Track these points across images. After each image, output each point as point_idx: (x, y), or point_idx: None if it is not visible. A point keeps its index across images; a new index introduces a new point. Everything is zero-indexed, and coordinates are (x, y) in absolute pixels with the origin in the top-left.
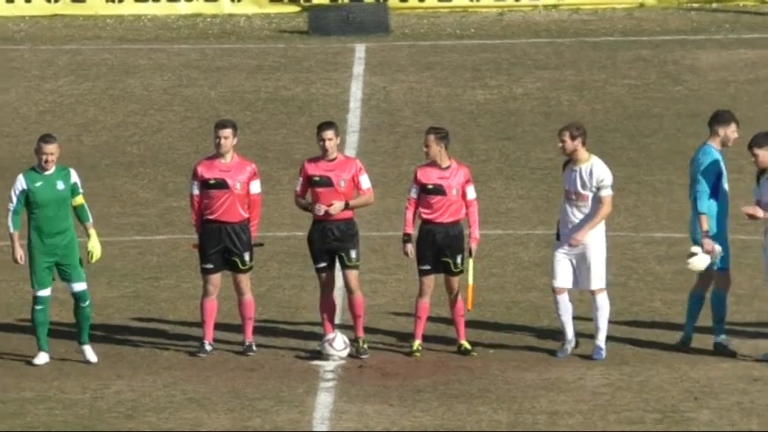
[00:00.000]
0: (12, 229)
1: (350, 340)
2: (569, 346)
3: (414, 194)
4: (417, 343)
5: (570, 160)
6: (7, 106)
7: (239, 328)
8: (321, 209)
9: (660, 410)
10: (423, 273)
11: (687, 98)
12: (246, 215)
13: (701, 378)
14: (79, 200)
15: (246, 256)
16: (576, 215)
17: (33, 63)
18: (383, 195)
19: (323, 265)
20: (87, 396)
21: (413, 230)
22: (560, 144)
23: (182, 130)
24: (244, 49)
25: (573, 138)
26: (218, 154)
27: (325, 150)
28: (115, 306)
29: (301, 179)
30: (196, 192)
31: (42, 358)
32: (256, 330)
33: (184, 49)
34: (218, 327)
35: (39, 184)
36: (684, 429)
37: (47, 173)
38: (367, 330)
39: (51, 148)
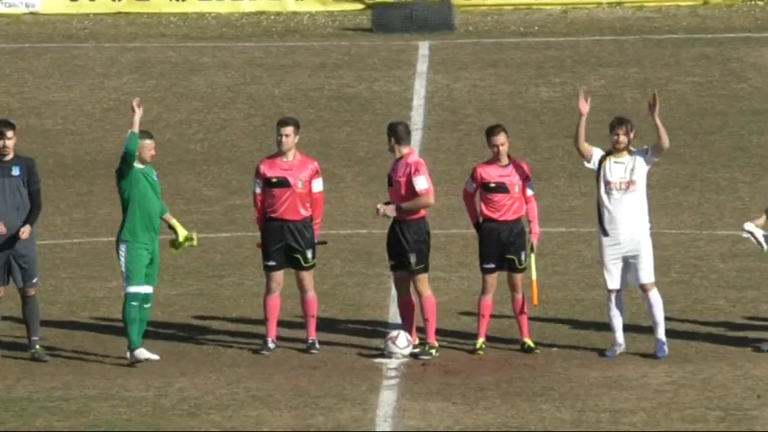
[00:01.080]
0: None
1: (419, 342)
2: (618, 349)
3: (469, 189)
4: (480, 341)
5: (611, 153)
6: (71, 104)
7: (302, 326)
8: (379, 209)
9: (723, 408)
10: (486, 271)
11: (751, 95)
12: (308, 213)
13: (764, 376)
14: None
15: (309, 254)
16: (629, 203)
17: (97, 61)
18: (446, 193)
19: (391, 263)
20: (151, 394)
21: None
22: (616, 137)
23: (245, 127)
24: (307, 46)
25: (628, 132)
26: (280, 152)
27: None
28: (179, 304)
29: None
30: (258, 190)
31: (144, 353)
32: (319, 328)
33: (248, 47)
34: (281, 324)
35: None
36: (747, 428)
37: (147, 167)
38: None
39: (154, 144)
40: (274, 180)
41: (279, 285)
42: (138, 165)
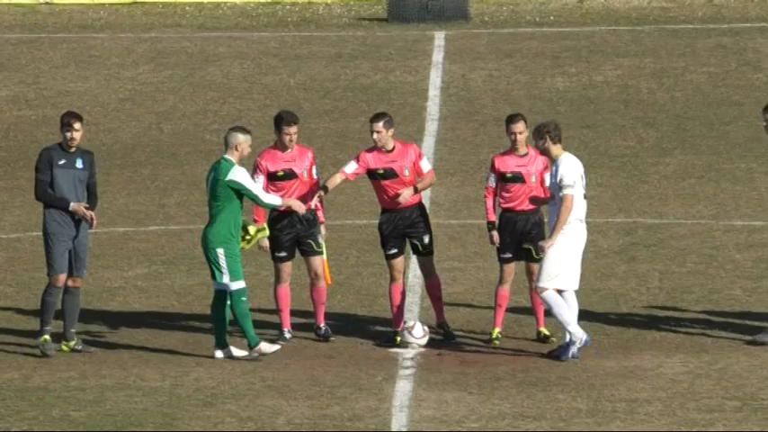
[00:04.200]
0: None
1: (435, 325)
2: (577, 345)
3: (491, 183)
4: (497, 330)
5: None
6: (87, 94)
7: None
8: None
9: (740, 398)
10: (504, 261)
11: (767, 85)
12: (310, 202)
13: None
14: None
15: (320, 238)
16: (551, 213)
17: (113, 51)
18: (462, 183)
19: (393, 251)
20: (167, 383)
21: (495, 218)
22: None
23: (261, 117)
24: (323, 36)
25: (539, 137)
26: (284, 147)
27: (375, 142)
28: (195, 293)
29: (358, 166)
30: (260, 186)
31: (269, 347)
32: (335, 318)
33: (264, 37)
34: (295, 314)
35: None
36: (764, 417)
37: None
38: (447, 317)
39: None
40: (281, 173)
41: (289, 276)
42: (233, 159)
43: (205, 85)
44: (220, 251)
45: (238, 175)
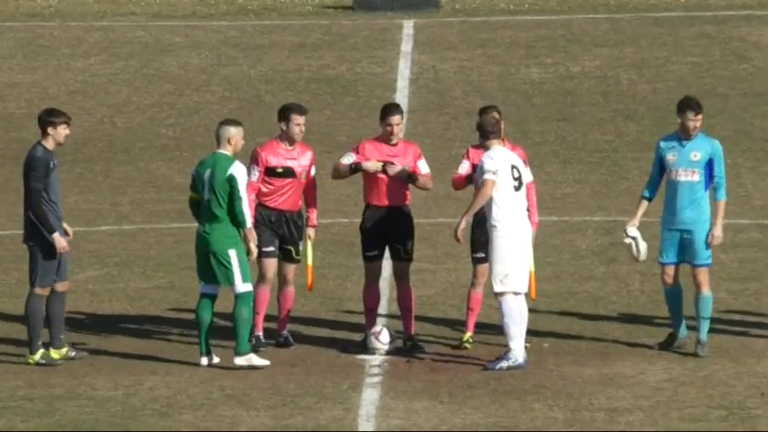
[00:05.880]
0: None
1: (404, 339)
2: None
3: (462, 170)
4: (468, 335)
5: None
6: (36, 86)
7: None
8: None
9: (725, 407)
10: (476, 260)
11: (753, 76)
12: (302, 204)
13: (767, 373)
14: None
15: (301, 246)
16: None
17: (63, 40)
18: (432, 180)
19: (374, 253)
20: (120, 393)
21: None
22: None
23: (220, 111)
24: (285, 25)
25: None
26: (289, 140)
27: (390, 135)
28: (150, 297)
29: (355, 157)
30: (255, 179)
31: (258, 360)
32: (299, 323)
33: (223, 26)
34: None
35: None
36: (750, 427)
37: None
38: (415, 322)
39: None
40: (280, 170)
41: (273, 275)
42: (229, 153)
43: (161, 77)
44: (233, 252)
45: (238, 171)
